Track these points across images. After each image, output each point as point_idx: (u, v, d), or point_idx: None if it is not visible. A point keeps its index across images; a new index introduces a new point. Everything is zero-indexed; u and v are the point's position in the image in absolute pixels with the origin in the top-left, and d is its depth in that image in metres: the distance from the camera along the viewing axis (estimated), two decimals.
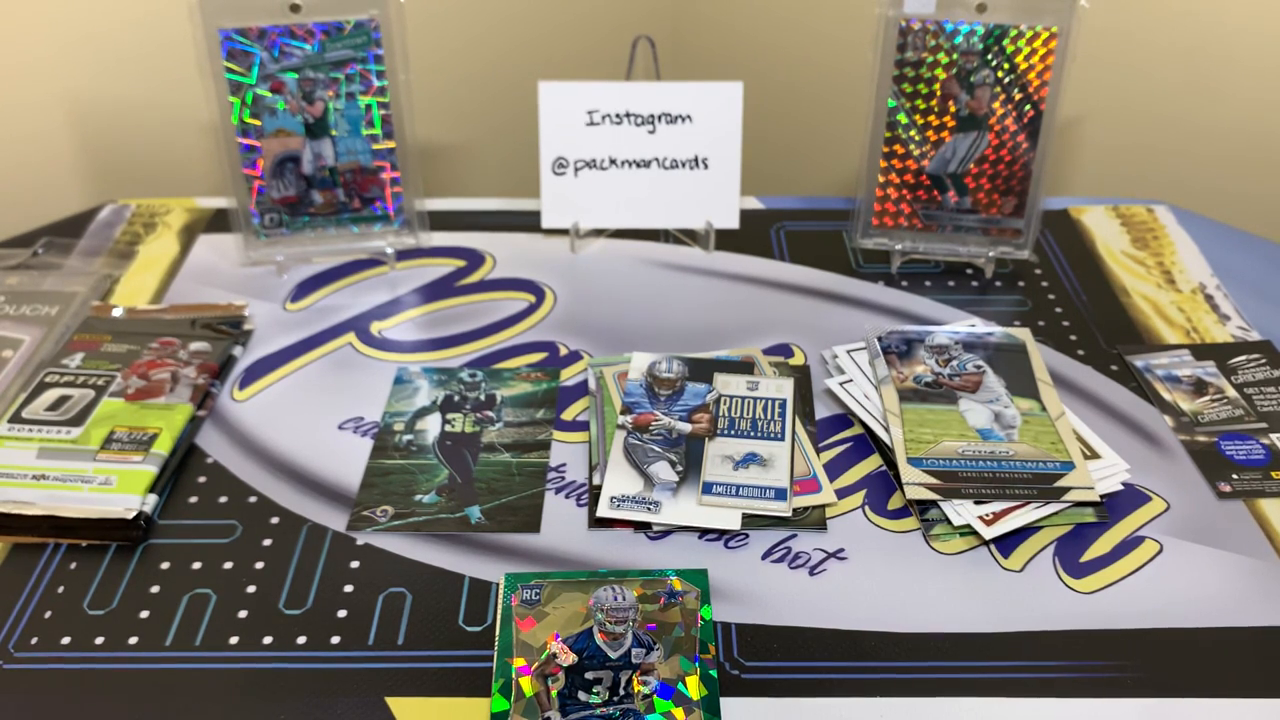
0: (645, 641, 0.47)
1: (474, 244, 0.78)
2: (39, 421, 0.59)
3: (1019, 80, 0.70)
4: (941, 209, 0.74)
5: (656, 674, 0.46)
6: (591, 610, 0.48)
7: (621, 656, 0.46)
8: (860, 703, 0.47)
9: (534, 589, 0.49)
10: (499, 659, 0.46)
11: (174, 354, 0.64)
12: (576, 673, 0.45)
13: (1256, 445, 0.60)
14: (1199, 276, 0.74)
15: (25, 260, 0.75)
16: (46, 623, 0.51)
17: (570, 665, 0.46)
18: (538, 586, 0.49)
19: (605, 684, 0.45)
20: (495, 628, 0.49)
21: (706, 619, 0.49)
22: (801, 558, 0.53)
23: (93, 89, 0.85)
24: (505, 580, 0.50)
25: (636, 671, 0.46)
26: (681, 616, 0.48)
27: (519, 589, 0.49)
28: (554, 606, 0.48)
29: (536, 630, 0.47)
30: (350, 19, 0.70)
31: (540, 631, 0.47)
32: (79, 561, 0.54)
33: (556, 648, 0.46)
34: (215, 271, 0.75)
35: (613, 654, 0.46)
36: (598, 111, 0.75)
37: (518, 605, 0.48)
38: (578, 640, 0.47)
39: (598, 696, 0.45)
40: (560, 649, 0.46)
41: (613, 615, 0.48)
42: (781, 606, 0.51)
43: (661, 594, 0.49)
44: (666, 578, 0.50)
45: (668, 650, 0.47)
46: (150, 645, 0.49)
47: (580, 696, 0.45)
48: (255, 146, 0.71)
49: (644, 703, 0.44)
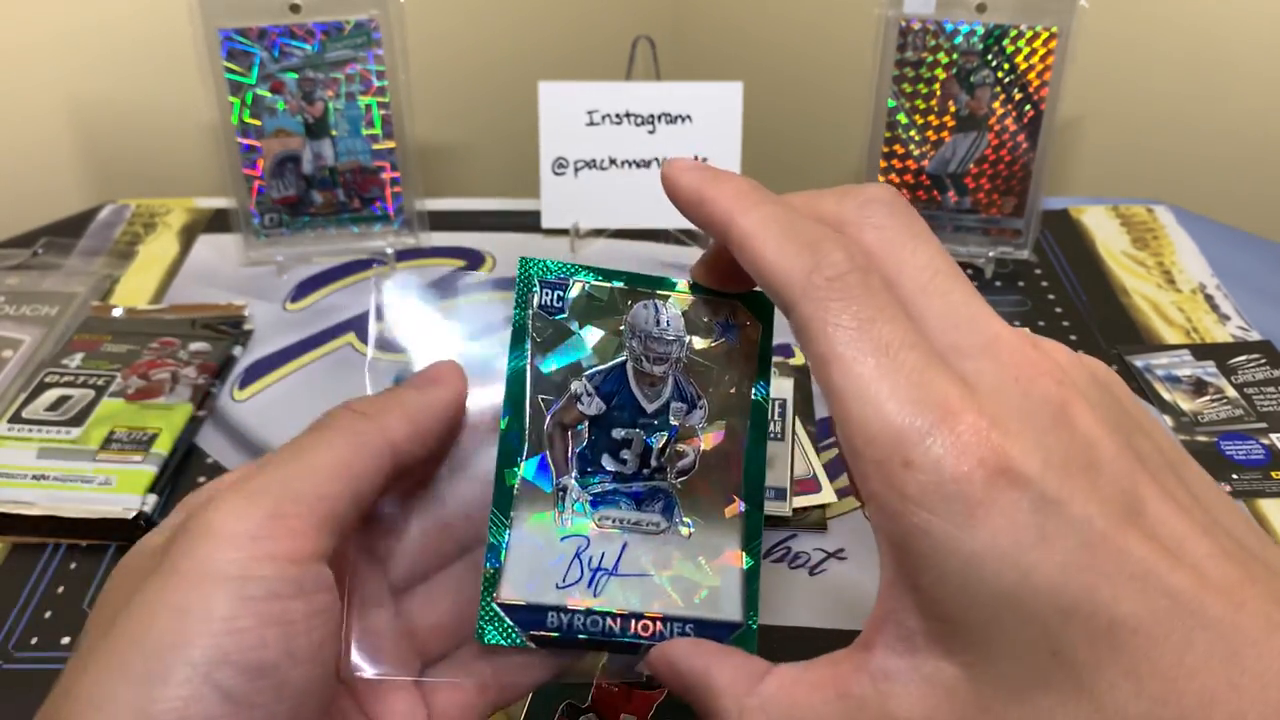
0: (688, 395, 0.33)
1: (474, 244, 0.78)
2: (39, 421, 0.59)
3: (1019, 80, 0.70)
4: (941, 209, 0.74)
5: (698, 444, 0.33)
6: (624, 336, 0.33)
7: (657, 411, 0.33)
8: None
9: (557, 289, 0.34)
10: (507, 396, 0.33)
11: (174, 354, 0.64)
12: (602, 428, 0.33)
13: (1256, 445, 0.60)
14: (1199, 276, 0.74)
15: (25, 260, 0.75)
16: (46, 623, 0.51)
17: (597, 416, 0.33)
18: (561, 286, 0.34)
19: (635, 448, 0.33)
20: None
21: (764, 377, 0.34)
22: (801, 558, 0.53)
23: (93, 89, 0.85)
24: (520, 266, 0.34)
25: (673, 438, 0.33)
26: (735, 361, 0.34)
27: (538, 287, 0.34)
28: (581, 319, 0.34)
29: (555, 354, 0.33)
30: (350, 19, 0.70)
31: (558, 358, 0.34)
32: (79, 561, 0.54)
33: (581, 387, 0.33)
34: (215, 271, 0.75)
35: (649, 406, 0.33)
36: (598, 111, 0.75)
37: (536, 312, 0.33)
38: (606, 380, 0.33)
39: (626, 464, 0.33)
40: (586, 389, 0.33)
41: (652, 349, 0.34)
42: (781, 606, 0.51)
43: (715, 324, 0.34)
44: (729, 300, 0.34)
45: (713, 411, 0.33)
46: None
47: (604, 462, 0.33)
48: (255, 146, 0.71)
49: (681, 478, 0.33)
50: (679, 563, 0.32)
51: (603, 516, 0.32)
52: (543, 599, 0.31)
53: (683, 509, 0.33)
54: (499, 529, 0.32)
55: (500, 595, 0.31)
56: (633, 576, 0.32)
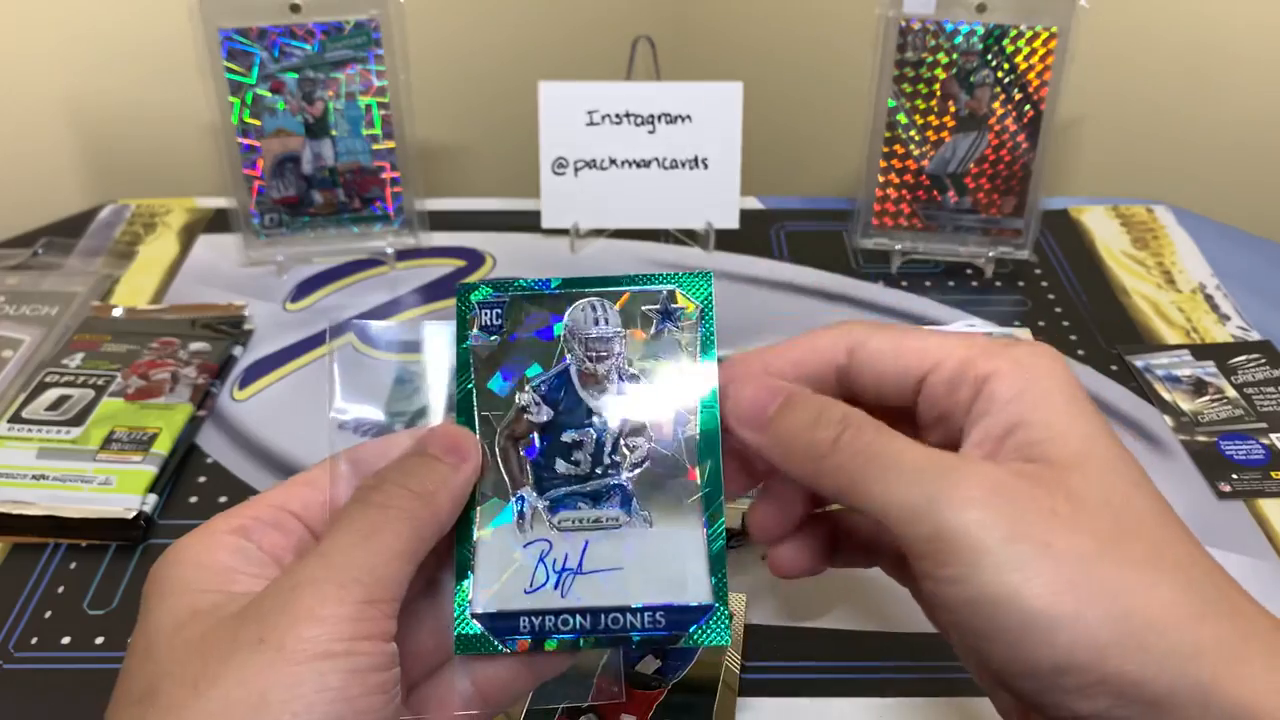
0: (635, 385, 0.34)
1: (474, 244, 0.78)
2: (39, 421, 0.59)
3: (1019, 80, 0.70)
4: (941, 209, 0.74)
5: (649, 434, 0.33)
6: (564, 340, 0.34)
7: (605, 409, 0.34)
8: (860, 703, 0.47)
9: (494, 308, 0.34)
10: (459, 418, 0.34)
11: (174, 354, 0.64)
12: (553, 433, 0.34)
13: (1256, 445, 0.60)
14: (1199, 276, 0.74)
15: (25, 260, 0.75)
16: (46, 623, 0.51)
17: (546, 423, 0.34)
18: (499, 305, 0.35)
19: (587, 448, 0.34)
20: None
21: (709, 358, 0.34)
22: None
23: (92, 89, 0.85)
24: (458, 295, 0.35)
25: (623, 432, 0.33)
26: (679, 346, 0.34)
27: (476, 310, 0.35)
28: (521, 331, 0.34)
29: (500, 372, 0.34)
30: (350, 19, 0.70)
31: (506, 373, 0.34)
32: (79, 561, 0.54)
33: (529, 398, 0.34)
34: (215, 271, 0.75)
35: (594, 404, 0.34)
36: (598, 111, 0.75)
37: (476, 332, 0.34)
38: (552, 387, 0.34)
39: (579, 466, 0.33)
40: (534, 400, 0.34)
41: (593, 348, 0.34)
42: (782, 607, 0.51)
43: (653, 313, 0.34)
44: (664, 286, 0.34)
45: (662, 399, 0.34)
46: None
47: (558, 466, 0.33)
48: (255, 146, 0.71)
49: (635, 470, 0.33)
50: (643, 553, 0.33)
51: (562, 519, 0.33)
52: (512, 605, 0.32)
53: (640, 501, 0.33)
54: (465, 544, 0.33)
55: (473, 607, 0.32)
56: (599, 573, 0.33)
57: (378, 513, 0.29)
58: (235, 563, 0.29)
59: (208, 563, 0.29)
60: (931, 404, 0.31)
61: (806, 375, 0.33)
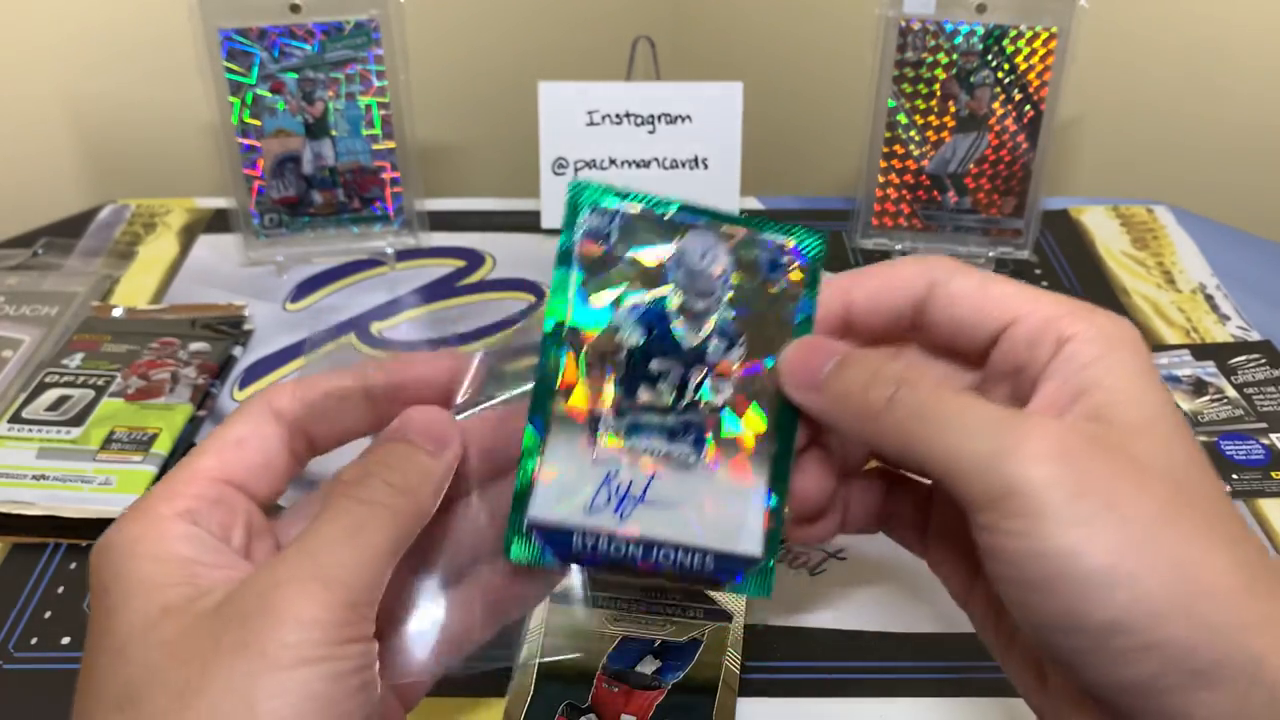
0: (729, 332, 0.33)
1: (474, 244, 0.78)
2: (39, 421, 0.59)
3: (1019, 80, 0.70)
4: (941, 209, 0.74)
5: (733, 382, 0.33)
6: (668, 267, 0.33)
7: (697, 346, 0.33)
8: (860, 703, 0.47)
9: (606, 215, 0.33)
10: (551, 309, 0.33)
11: (174, 354, 0.64)
12: (640, 359, 0.33)
13: (1256, 445, 0.60)
14: (1199, 277, 0.74)
15: (25, 260, 0.75)
16: (46, 623, 0.51)
17: (637, 346, 0.33)
18: (612, 214, 0.33)
19: (671, 381, 0.33)
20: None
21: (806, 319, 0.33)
22: (801, 558, 0.53)
23: (92, 89, 0.85)
24: (571, 191, 0.33)
25: (710, 372, 0.33)
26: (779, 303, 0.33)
27: (587, 212, 0.33)
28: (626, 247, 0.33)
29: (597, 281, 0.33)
30: (350, 19, 0.70)
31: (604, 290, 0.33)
32: (79, 561, 0.54)
33: (623, 317, 0.33)
34: (215, 271, 0.75)
35: (689, 340, 0.33)
36: (598, 111, 0.75)
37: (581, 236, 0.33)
38: (648, 312, 0.33)
39: (660, 397, 0.33)
40: (627, 319, 0.33)
41: (697, 283, 0.33)
42: (781, 606, 0.51)
43: (763, 258, 0.33)
44: (781, 237, 0.34)
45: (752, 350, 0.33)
46: None
47: (640, 392, 0.33)
48: (255, 146, 0.71)
49: (711, 416, 0.33)
50: (705, 496, 0.32)
51: (634, 446, 0.32)
52: (570, 521, 0.32)
53: (713, 444, 0.33)
54: (532, 449, 0.32)
55: (530, 515, 0.32)
56: (659, 506, 0.32)
57: (363, 510, 0.29)
58: (192, 553, 0.28)
59: (164, 555, 0.28)
60: (1007, 356, 0.31)
61: (883, 307, 0.33)
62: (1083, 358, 0.29)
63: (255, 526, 0.31)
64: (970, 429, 0.28)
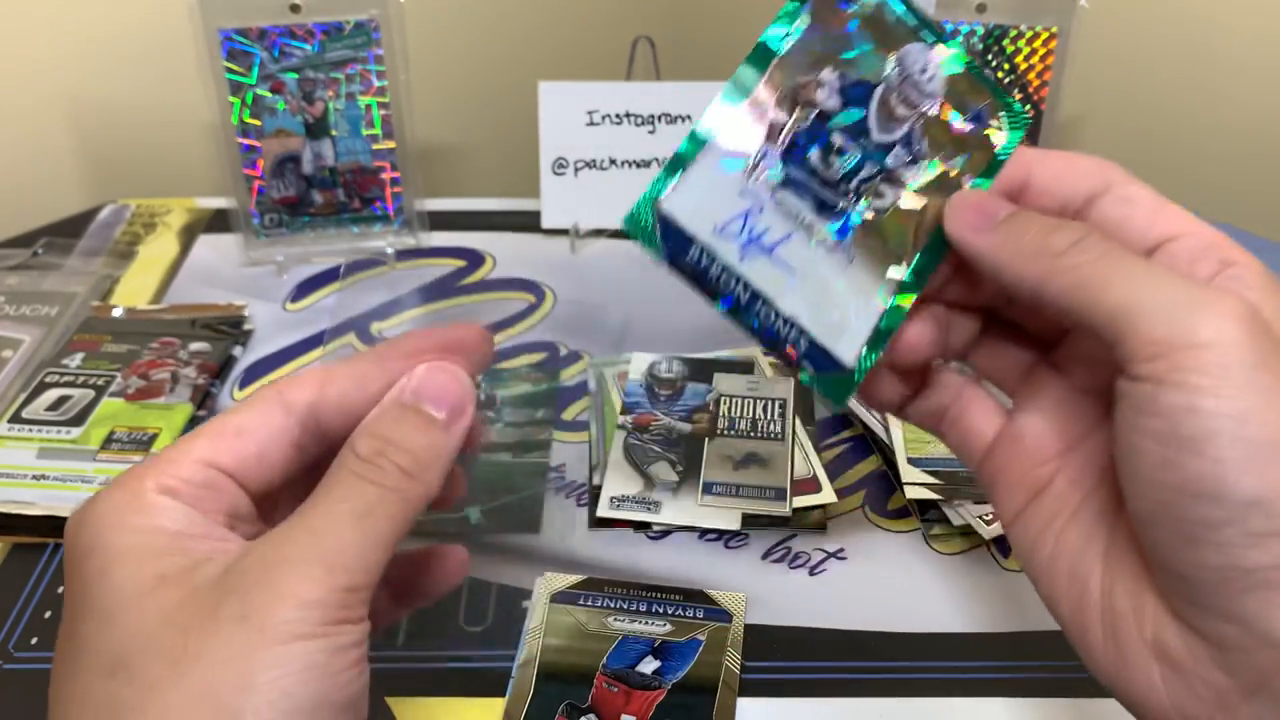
0: (916, 149, 0.33)
1: (474, 244, 0.78)
2: (39, 421, 0.59)
3: (1019, 80, 0.70)
4: None
5: (899, 196, 0.33)
6: (889, 65, 0.33)
7: (882, 143, 0.33)
8: (861, 703, 0.47)
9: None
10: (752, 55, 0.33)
11: (174, 354, 0.64)
12: (826, 125, 0.32)
13: None
14: None
15: (25, 260, 0.75)
16: (46, 623, 0.51)
17: (830, 108, 0.32)
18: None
19: (846, 160, 0.33)
20: None
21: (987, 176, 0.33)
22: (801, 558, 0.53)
23: (92, 89, 0.85)
24: None
25: (884, 173, 0.33)
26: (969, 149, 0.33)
27: None
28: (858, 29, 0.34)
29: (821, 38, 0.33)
30: (350, 19, 0.70)
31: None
32: None
33: (831, 77, 0.32)
34: (215, 271, 0.75)
35: (877, 134, 0.33)
36: (598, 111, 0.75)
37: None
38: (856, 86, 0.33)
39: (829, 169, 0.32)
40: (834, 81, 0.32)
41: (908, 91, 0.33)
42: (782, 607, 0.51)
43: (973, 106, 0.34)
44: (995, 100, 0.34)
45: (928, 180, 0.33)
46: None
47: (812, 155, 0.32)
48: (255, 146, 0.71)
49: (867, 211, 0.32)
50: (827, 284, 0.32)
51: (784, 200, 0.32)
52: (695, 227, 0.31)
53: (856, 239, 0.32)
54: (692, 147, 0.31)
55: (662, 200, 0.31)
56: (781, 266, 0.31)
57: (373, 493, 0.29)
58: (180, 526, 0.28)
59: (149, 527, 0.28)
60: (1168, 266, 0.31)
61: (1060, 189, 0.32)
62: (1247, 280, 0.29)
63: (241, 513, 0.30)
64: (1160, 281, 0.28)
